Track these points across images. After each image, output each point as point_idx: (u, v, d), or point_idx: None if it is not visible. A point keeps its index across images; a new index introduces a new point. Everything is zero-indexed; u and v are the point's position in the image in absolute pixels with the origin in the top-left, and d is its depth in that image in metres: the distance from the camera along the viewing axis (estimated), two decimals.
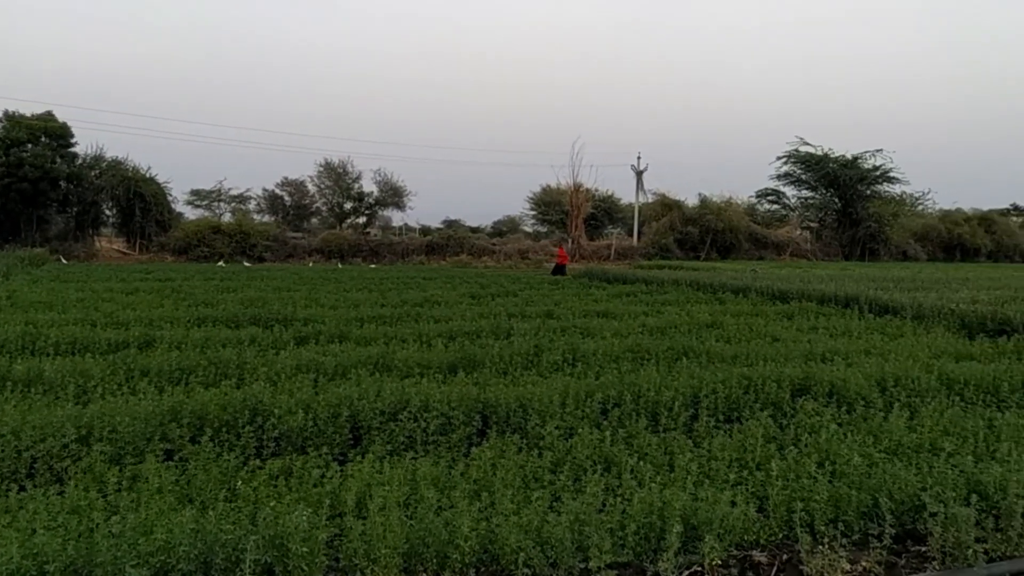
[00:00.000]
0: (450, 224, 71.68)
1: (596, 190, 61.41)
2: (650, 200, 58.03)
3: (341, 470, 4.89)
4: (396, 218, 65.69)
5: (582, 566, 3.75)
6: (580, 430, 5.59)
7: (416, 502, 4.31)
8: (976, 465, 4.82)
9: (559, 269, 31.47)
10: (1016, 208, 71.97)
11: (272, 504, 3.98)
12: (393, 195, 55.97)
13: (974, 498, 4.21)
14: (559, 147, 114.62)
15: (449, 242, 49.95)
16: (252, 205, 66.56)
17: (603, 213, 65.57)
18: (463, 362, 8.32)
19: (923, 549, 4.06)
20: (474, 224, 74.86)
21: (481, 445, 5.50)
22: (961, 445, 5.43)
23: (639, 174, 56.63)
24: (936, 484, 4.46)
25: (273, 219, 60.76)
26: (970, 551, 3.78)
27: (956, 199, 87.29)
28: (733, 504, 4.26)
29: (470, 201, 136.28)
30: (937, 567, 3.83)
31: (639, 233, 55.43)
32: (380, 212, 60.12)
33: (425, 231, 62.07)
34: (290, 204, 63.52)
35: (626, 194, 67.42)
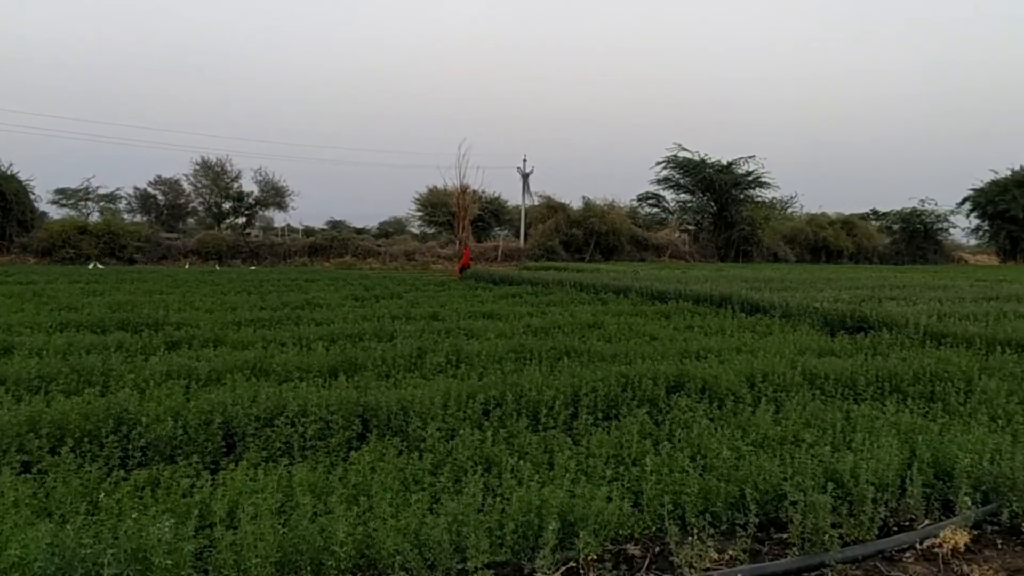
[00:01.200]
0: (334, 225, 70.46)
1: (483, 192, 61.63)
2: (536, 203, 58.82)
3: (213, 479, 4.72)
4: (278, 219, 64.04)
5: (460, 567, 3.75)
6: (462, 431, 5.59)
7: (291, 509, 4.21)
8: (833, 455, 5.10)
9: (464, 269, 32.60)
10: (875, 213, 76.66)
11: (135, 516, 3.80)
12: (275, 195, 54.56)
13: (830, 486, 4.46)
14: (446, 148, 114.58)
15: (333, 243, 49.10)
16: (123, 205, 63.48)
17: (490, 215, 65.94)
18: (344, 365, 8.19)
19: (784, 536, 4.27)
20: (360, 225, 73.84)
21: (361, 449, 5.43)
22: (821, 436, 5.73)
23: (525, 177, 57.29)
24: (797, 474, 4.70)
25: (145, 219, 58.15)
26: (827, 536, 3.99)
27: (822, 204, 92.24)
28: (609, 500, 4.35)
29: (356, 202, 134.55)
30: (797, 552, 4.03)
31: (526, 235, 56.07)
32: (261, 212, 58.52)
33: (308, 232, 60.68)
34: (164, 203, 60.96)
35: (513, 196, 68.06)
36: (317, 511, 4.18)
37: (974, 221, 72.84)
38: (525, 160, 57.93)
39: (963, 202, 72.00)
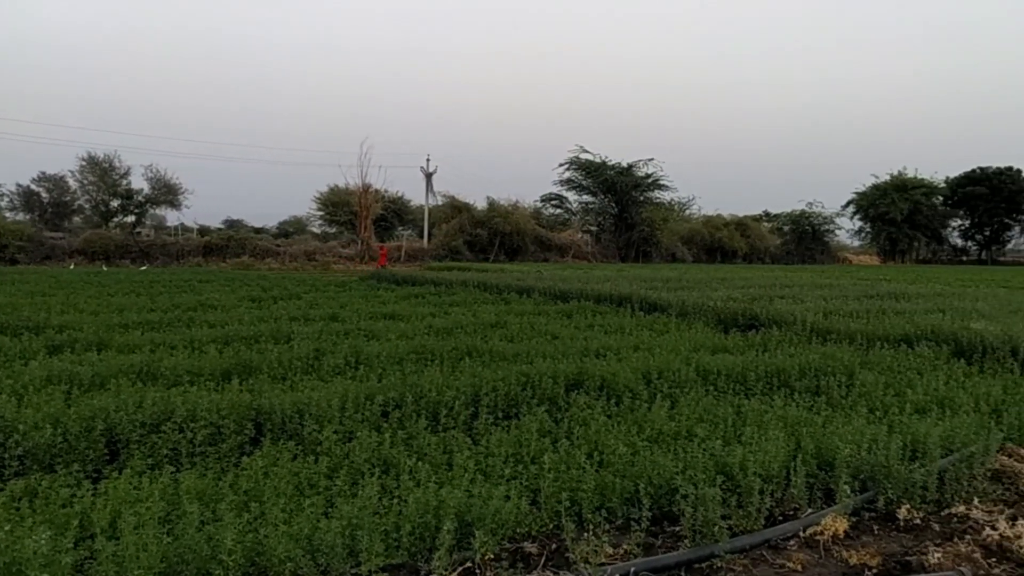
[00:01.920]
0: (231, 224, 68.55)
1: (386, 191, 61.18)
2: (440, 203, 58.67)
3: (95, 488, 4.49)
4: (171, 217, 61.85)
5: (354, 571, 3.68)
6: (359, 433, 5.50)
7: (178, 518, 4.05)
8: (725, 448, 5.26)
9: (383, 267, 33.13)
10: (767, 214, 79.75)
11: (8, 528, 3.58)
12: (167, 193, 52.44)
13: (721, 479, 4.59)
14: (348, 147, 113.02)
15: (230, 243, 47.68)
16: (4, 202, 59.91)
17: (393, 214, 65.41)
18: (238, 368, 7.95)
19: (677, 529, 4.37)
20: (258, 224, 72.01)
21: (253, 454, 5.27)
22: (713, 431, 5.90)
23: (428, 176, 57.03)
24: (689, 468, 4.82)
25: (28, 218, 55.09)
26: (716, 528, 4.10)
27: (717, 206, 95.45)
28: (507, 498, 4.37)
29: (254, 201, 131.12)
30: (688, 545, 4.13)
31: (429, 235, 55.81)
32: (152, 211, 56.22)
33: (203, 231, 58.77)
34: (48, 201, 57.84)
35: (416, 196, 67.85)
36: (205, 519, 4.04)
37: (857, 223, 77.00)
38: (428, 159, 57.74)
39: (847, 205, 75.99)
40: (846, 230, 78.09)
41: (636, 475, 4.78)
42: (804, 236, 72.82)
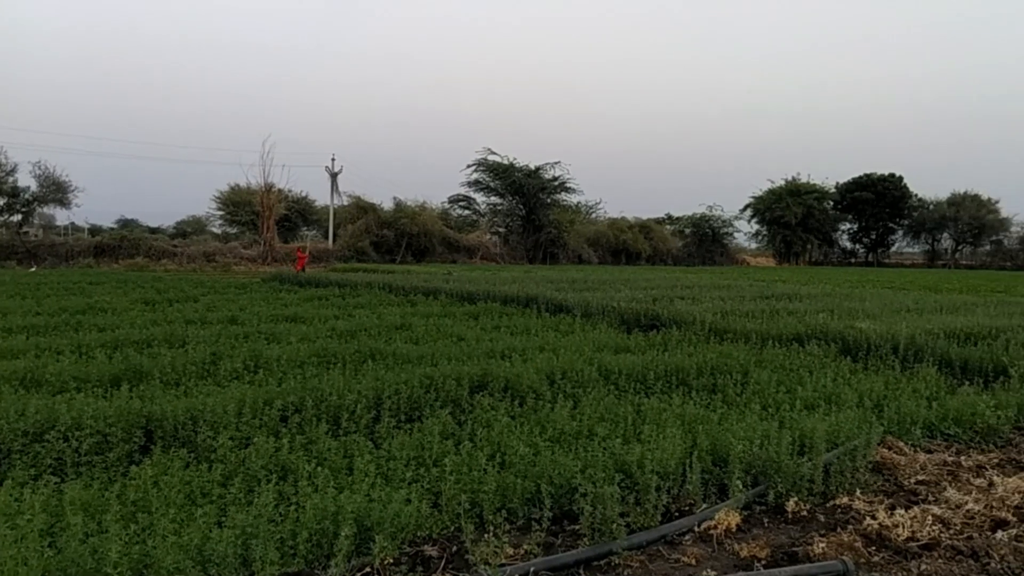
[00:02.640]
0: (125, 224, 65.86)
1: (289, 191, 59.93)
2: (346, 203, 57.82)
3: None
4: (60, 216, 58.72)
5: None
6: (256, 439, 5.36)
7: (61, 530, 3.86)
8: (624, 447, 5.36)
9: (302, 270, 32.30)
10: (670, 217, 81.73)
11: None
12: (56, 191, 49.79)
13: (619, 477, 4.68)
14: (249, 145, 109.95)
15: (123, 243, 45.75)
16: None
17: (297, 215, 64.09)
18: (128, 374, 7.63)
19: (577, 527, 4.42)
20: (154, 224, 69.38)
21: (143, 463, 5.07)
22: (614, 429, 6.01)
23: (334, 176, 56.15)
24: (590, 467, 4.89)
25: None
26: (615, 525, 4.17)
27: (622, 209, 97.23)
28: (408, 502, 4.34)
29: (150, 200, 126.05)
30: (587, 543, 4.19)
31: (335, 236, 54.92)
32: (40, 210, 53.35)
33: (95, 231, 56.21)
34: None
35: (321, 196, 66.62)
36: (90, 531, 3.86)
37: (754, 226, 79.76)
38: (334, 159, 56.77)
39: (745, 208, 78.65)
40: (744, 233, 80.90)
41: (537, 475, 4.81)
42: (705, 238, 74.99)
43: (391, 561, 3.88)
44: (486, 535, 4.09)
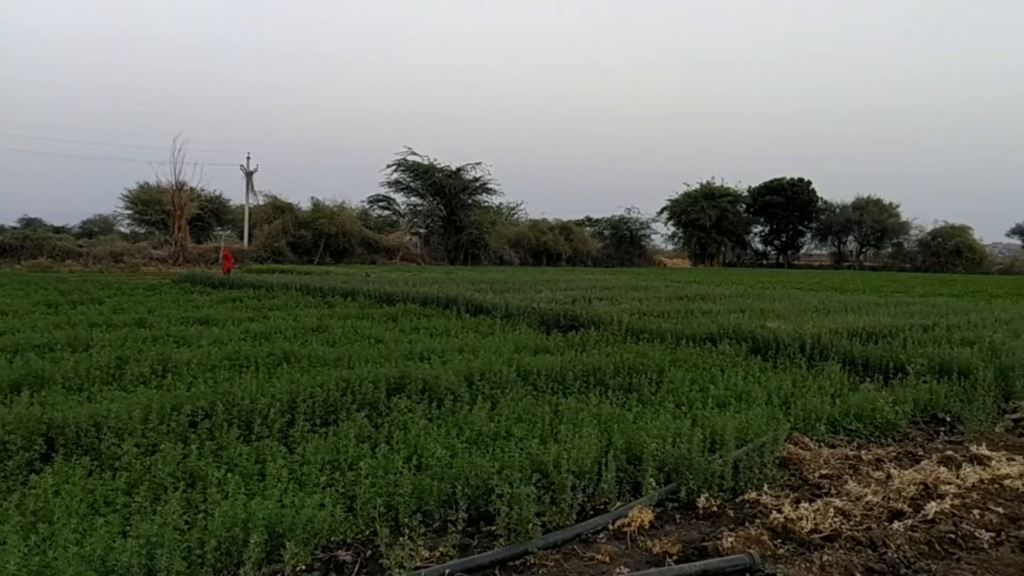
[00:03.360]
0: (28, 223, 62.83)
1: (202, 190, 58.33)
2: (261, 203, 56.59)
3: None
4: None
5: None
6: (164, 446, 5.18)
7: None
8: (541, 447, 5.39)
9: (228, 271, 31.20)
10: (589, 219, 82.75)
11: None
12: None
13: (536, 477, 4.71)
14: (159, 142, 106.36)
15: (25, 243, 43.76)
16: None
17: (210, 214, 62.38)
18: (29, 379, 7.29)
19: (493, 528, 4.42)
20: (58, 223, 66.43)
21: (43, 471, 4.85)
22: (531, 430, 6.04)
23: (249, 175, 54.90)
24: (506, 468, 4.90)
25: None
26: (531, 525, 4.20)
27: (543, 210, 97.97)
28: (322, 507, 4.27)
29: (55, 198, 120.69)
30: (503, 543, 4.20)
31: (250, 236, 53.68)
32: None
33: None
34: None
35: (236, 195, 64.89)
36: None
37: (671, 228, 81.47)
38: (249, 157, 55.45)
39: (662, 211, 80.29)
40: (661, 235, 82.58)
41: (454, 477, 4.80)
42: (623, 240, 76.24)
43: (303, 568, 3.81)
44: (401, 538, 4.06)
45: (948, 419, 7.61)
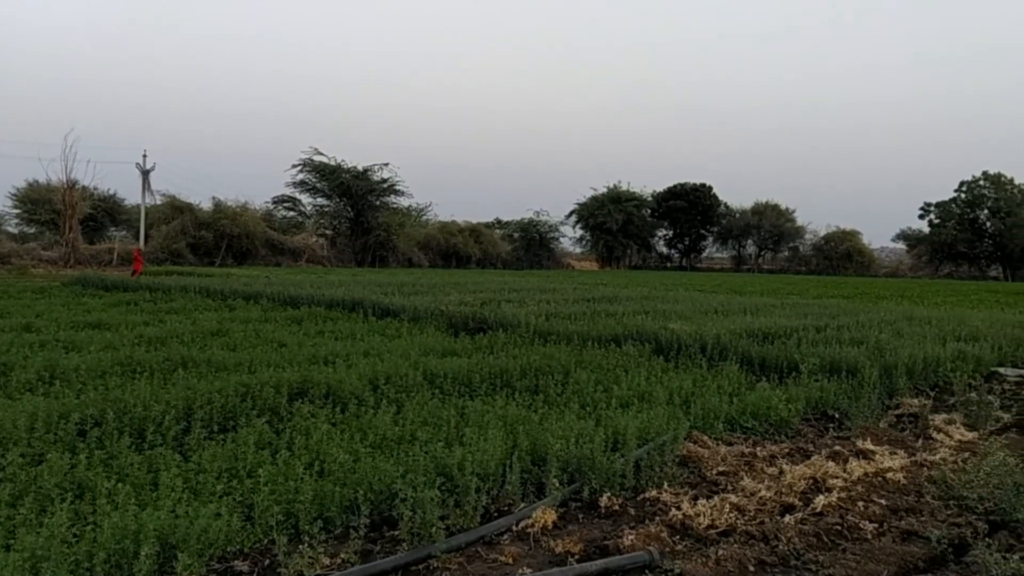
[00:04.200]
0: None
1: (96, 189, 55.89)
2: (159, 202, 54.63)
3: None
4: None
5: None
6: (50, 455, 4.94)
7: None
8: (446, 450, 5.38)
9: (138, 274, 29.60)
10: (499, 222, 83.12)
11: None
12: None
13: (440, 480, 4.70)
14: (50, 139, 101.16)
15: None
16: None
17: (104, 214, 59.80)
18: None
19: (396, 533, 4.39)
20: None
21: None
22: (436, 433, 6.02)
23: (145, 173, 52.90)
24: (410, 472, 4.87)
25: None
26: (434, 529, 4.18)
27: (453, 212, 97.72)
28: (218, 516, 4.15)
29: None
30: (406, 548, 4.17)
31: (147, 237, 51.72)
32: None
33: None
34: None
35: (132, 195, 62.38)
36: None
37: (579, 231, 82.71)
38: (145, 155, 53.34)
39: (570, 215, 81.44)
40: (569, 238, 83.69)
41: (357, 482, 4.74)
42: (532, 243, 76.92)
43: None
44: (301, 546, 3.98)
45: (837, 416, 7.96)
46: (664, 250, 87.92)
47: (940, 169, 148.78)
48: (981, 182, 71.11)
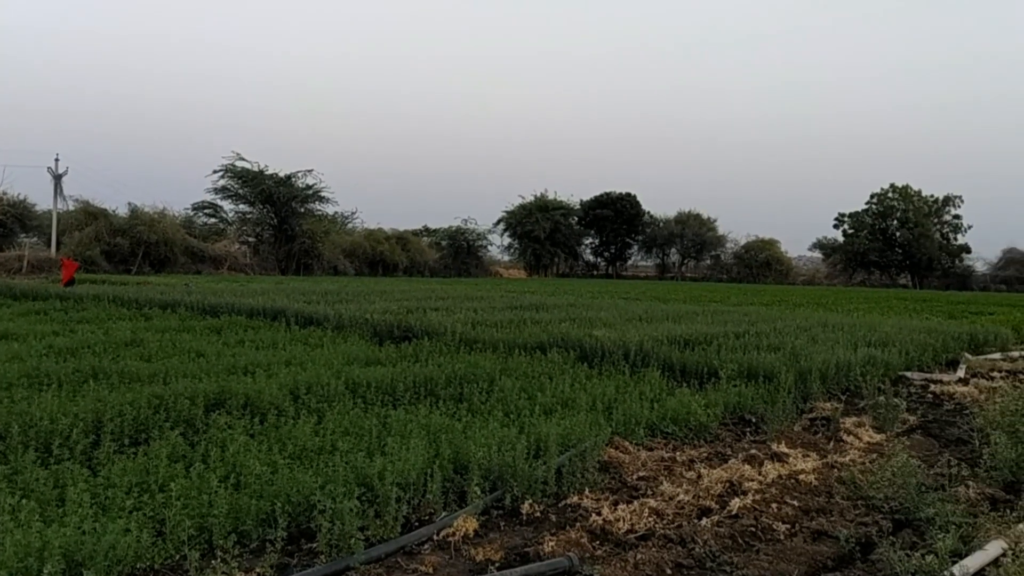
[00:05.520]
0: None
1: (4, 194, 53.59)
2: (72, 208, 52.66)
3: None
4: None
5: None
6: None
7: None
8: (368, 460, 5.32)
9: (70, 282, 27.79)
10: (427, 229, 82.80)
11: None
12: None
13: (360, 491, 4.64)
14: None
15: None
16: None
17: (13, 220, 57.28)
18: None
19: (314, 545, 4.32)
20: None
21: None
22: (358, 443, 5.94)
23: (57, 178, 50.98)
24: (330, 483, 4.80)
25: None
26: (353, 540, 4.13)
27: (380, 220, 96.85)
28: (128, 532, 4.01)
29: None
30: (324, 560, 4.11)
31: (59, 244, 49.77)
32: None
33: None
34: None
35: (44, 200, 59.98)
36: None
37: (507, 239, 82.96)
38: (58, 160, 51.41)
39: (498, 223, 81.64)
40: (497, 246, 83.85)
41: (274, 494, 4.64)
42: (460, 251, 76.81)
43: None
44: (214, 561, 3.87)
45: (754, 420, 8.18)
46: (591, 258, 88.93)
47: (853, 181, 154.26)
48: (891, 194, 74.09)
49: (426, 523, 4.79)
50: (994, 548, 4.39)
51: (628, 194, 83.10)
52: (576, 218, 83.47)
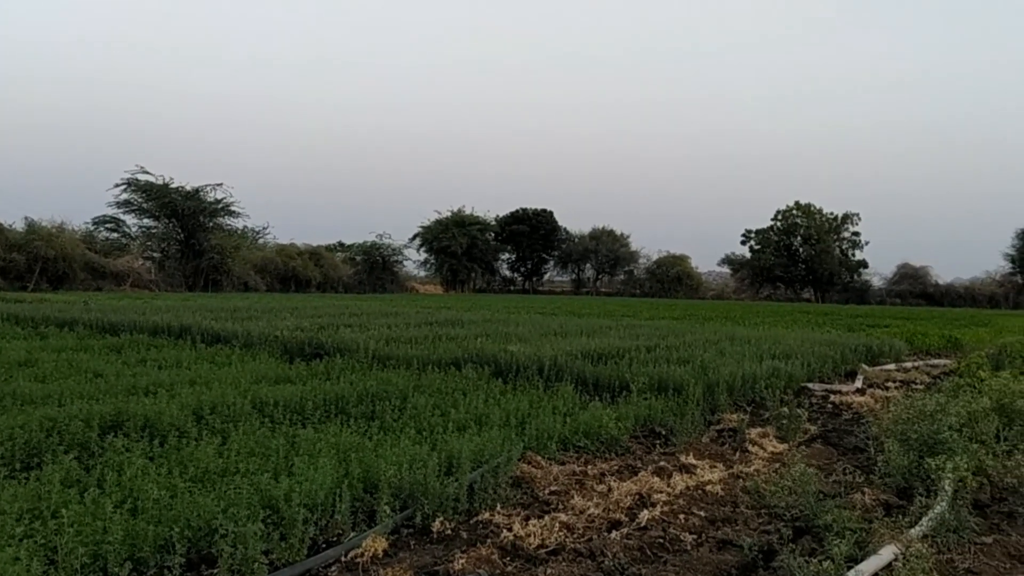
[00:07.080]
0: None
1: None
2: None
3: None
4: None
5: None
6: None
7: None
8: (273, 481, 5.17)
9: None
10: (341, 245, 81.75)
11: None
12: None
13: (265, 513, 4.51)
14: None
15: None
16: None
17: None
18: None
19: (215, 571, 4.17)
20: None
21: None
22: (264, 464, 5.78)
23: None
24: (233, 505, 4.65)
25: None
26: (256, 564, 4.01)
27: (292, 235, 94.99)
28: (17, 560, 3.79)
29: None
30: None
31: None
32: None
33: None
34: None
35: None
36: None
37: (423, 255, 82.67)
38: None
39: (414, 238, 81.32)
40: (413, 261, 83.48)
41: (173, 519, 4.47)
42: (375, 266, 76.09)
43: None
44: None
45: (664, 432, 8.32)
46: (508, 273, 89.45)
47: (760, 198, 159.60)
48: (794, 211, 77.10)
49: (334, 544, 4.69)
50: (887, 553, 4.57)
51: (544, 210, 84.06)
52: (493, 234, 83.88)
